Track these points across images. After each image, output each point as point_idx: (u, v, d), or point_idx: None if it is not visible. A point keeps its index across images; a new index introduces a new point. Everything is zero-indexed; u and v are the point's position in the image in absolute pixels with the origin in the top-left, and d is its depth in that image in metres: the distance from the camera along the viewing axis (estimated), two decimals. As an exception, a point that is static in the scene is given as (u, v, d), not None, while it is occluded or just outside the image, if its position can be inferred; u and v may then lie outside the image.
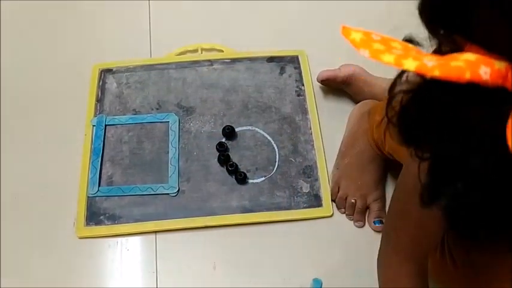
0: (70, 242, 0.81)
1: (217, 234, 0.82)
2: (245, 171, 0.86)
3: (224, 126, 0.90)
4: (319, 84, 0.96)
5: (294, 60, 0.99)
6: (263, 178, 0.86)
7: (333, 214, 0.83)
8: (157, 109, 0.94)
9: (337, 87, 0.95)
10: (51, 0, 1.13)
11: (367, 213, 0.84)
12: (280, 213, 0.83)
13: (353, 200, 0.82)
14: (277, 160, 0.88)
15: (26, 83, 1.00)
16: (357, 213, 0.83)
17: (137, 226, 0.82)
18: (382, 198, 0.84)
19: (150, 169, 0.87)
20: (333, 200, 0.85)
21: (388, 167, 0.86)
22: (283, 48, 1.01)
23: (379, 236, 0.81)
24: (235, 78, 0.97)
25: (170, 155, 0.88)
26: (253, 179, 0.86)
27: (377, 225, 0.82)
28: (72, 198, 0.84)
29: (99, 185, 0.85)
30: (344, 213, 0.84)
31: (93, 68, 0.98)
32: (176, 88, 0.96)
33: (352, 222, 0.83)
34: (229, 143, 0.89)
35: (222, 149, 0.88)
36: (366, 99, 0.90)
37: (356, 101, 0.93)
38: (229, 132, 0.89)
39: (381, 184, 0.84)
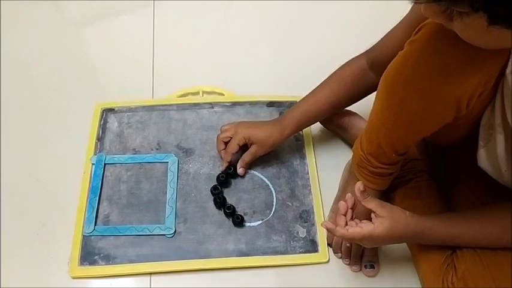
0: (63, 282, 0.80)
1: (213, 277, 0.81)
2: (242, 214, 0.86)
3: (219, 173, 0.90)
4: (317, 129, 0.98)
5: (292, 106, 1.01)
6: (260, 221, 0.86)
7: (329, 260, 0.83)
8: (157, 149, 0.95)
9: (334, 130, 0.97)
10: (56, 38, 1.16)
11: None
12: (276, 258, 0.83)
13: (348, 244, 0.82)
14: (274, 204, 0.89)
15: (28, 118, 1.01)
16: (353, 257, 0.83)
17: (132, 267, 0.81)
18: None
19: (147, 209, 0.87)
20: (328, 244, 0.85)
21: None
22: (283, 94, 1.04)
23: (374, 283, 0.81)
24: (235, 121, 0.98)
25: (168, 195, 0.88)
26: (250, 222, 0.86)
27: (368, 269, 0.82)
28: (68, 237, 0.84)
29: (95, 224, 0.85)
30: (340, 257, 0.84)
31: (96, 107, 1.00)
32: (176, 129, 0.97)
33: (348, 268, 0.83)
34: (225, 185, 0.90)
35: (216, 191, 0.88)
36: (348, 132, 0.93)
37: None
38: (224, 180, 0.89)
39: None
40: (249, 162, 0.90)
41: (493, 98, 0.64)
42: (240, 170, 0.90)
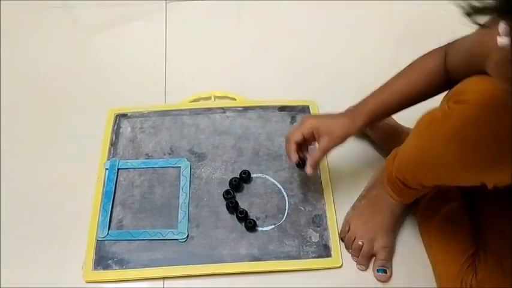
0: (77, 286, 0.81)
1: (226, 281, 0.81)
2: (255, 219, 0.86)
3: (231, 178, 0.90)
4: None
5: (304, 110, 1.01)
6: (272, 226, 0.86)
7: (342, 265, 0.83)
8: (169, 154, 0.95)
9: None
10: (69, 45, 1.18)
11: (374, 259, 0.83)
12: (288, 263, 0.82)
13: (360, 243, 0.82)
14: (286, 208, 0.88)
15: (42, 124, 1.02)
16: (362, 256, 0.82)
17: (145, 272, 0.81)
18: (391, 248, 0.84)
19: (160, 214, 0.88)
20: (341, 239, 0.85)
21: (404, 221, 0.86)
22: (294, 98, 1.04)
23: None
24: (247, 125, 0.99)
25: (181, 200, 0.89)
26: (262, 227, 0.86)
27: (380, 273, 0.81)
28: (82, 241, 0.84)
29: (109, 229, 0.85)
30: (351, 253, 0.84)
31: (109, 113, 1.01)
32: (189, 134, 0.98)
33: (361, 273, 0.82)
34: (237, 189, 0.90)
35: (228, 196, 0.88)
36: (390, 143, 0.90)
37: (381, 145, 0.95)
38: (236, 184, 0.90)
39: (392, 233, 0.84)
40: (320, 159, 0.80)
41: None
42: (308, 169, 0.79)
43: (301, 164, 0.81)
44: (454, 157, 0.60)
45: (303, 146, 0.82)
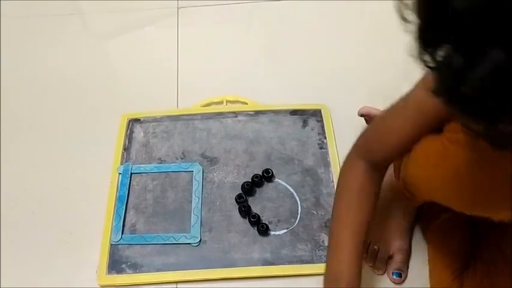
0: (91, 290, 0.82)
1: (239, 285, 0.81)
2: (267, 223, 0.86)
3: (243, 182, 0.90)
4: (342, 135, 0.97)
5: (316, 114, 1.01)
6: (285, 230, 0.86)
7: (355, 269, 0.82)
8: (182, 158, 0.96)
9: None
10: (82, 51, 1.19)
11: (389, 261, 0.82)
12: (301, 267, 0.82)
13: (376, 247, 0.82)
14: (299, 212, 0.88)
15: (57, 130, 1.03)
16: (379, 261, 0.82)
17: (158, 276, 0.82)
18: (406, 250, 0.83)
19: (173, 218, 0.88)
20: None
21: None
22: (306, 102, 1.04)
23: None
24: (258, 130, 0.99)
25: (193, 204, 0.89)
26: (275, 231, 0.86)
27: (395, 277, 0.81)
28: (95, 245, 0.85)
29: (122, 233, 0.86)
30: (365, 258, 0.82)
31: (122, 117, 1.02)
32: (201, 138, 0.98)
33: (373, 277, 0.82)
34: (249, 193, 0.90)
35: (241, 200, 0.88)
36: None
37: None
38: (248, 189, 0.90)
39: (407, 235, 0.83)
40: None
41: None
42: None
43: None
44: (455, 197, 0.60)
45: None
